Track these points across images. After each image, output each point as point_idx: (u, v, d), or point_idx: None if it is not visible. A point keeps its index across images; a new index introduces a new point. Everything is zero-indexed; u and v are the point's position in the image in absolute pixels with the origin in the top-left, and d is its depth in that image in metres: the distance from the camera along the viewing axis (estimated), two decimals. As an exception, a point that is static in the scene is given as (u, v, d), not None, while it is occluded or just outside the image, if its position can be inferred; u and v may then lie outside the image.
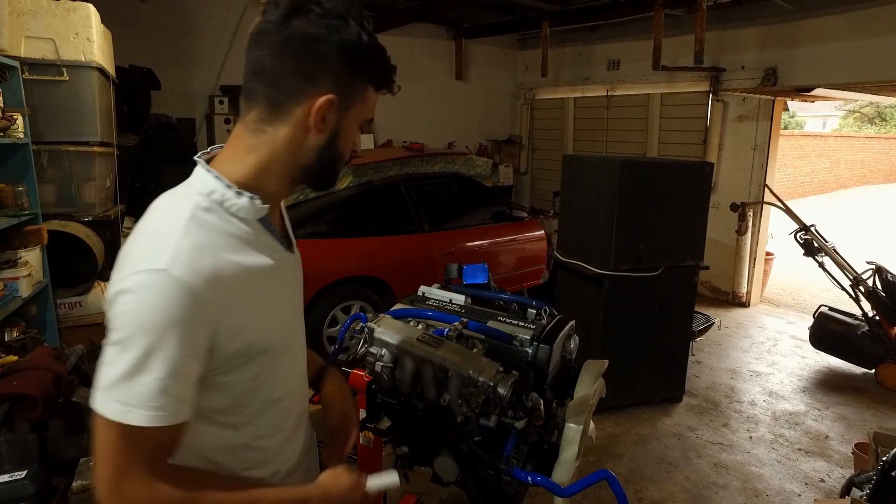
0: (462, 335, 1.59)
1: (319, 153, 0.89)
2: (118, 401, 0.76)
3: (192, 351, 0.79)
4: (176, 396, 0.78)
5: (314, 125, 0.85)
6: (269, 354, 0.92)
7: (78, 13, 2.95)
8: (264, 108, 0.85)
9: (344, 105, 0.87)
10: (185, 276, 0.76)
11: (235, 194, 0.85)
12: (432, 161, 5.07)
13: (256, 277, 0.87)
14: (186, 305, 0.76)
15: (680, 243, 3.52)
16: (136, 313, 0.76)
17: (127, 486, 0.77)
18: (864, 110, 25.02)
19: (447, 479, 1.46)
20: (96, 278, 3.15)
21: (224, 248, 0.83)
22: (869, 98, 7.53)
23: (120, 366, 0.76)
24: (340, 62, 0.84)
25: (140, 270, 0.77)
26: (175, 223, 0.81)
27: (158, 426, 0.77)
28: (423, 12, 6.11)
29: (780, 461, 3.16)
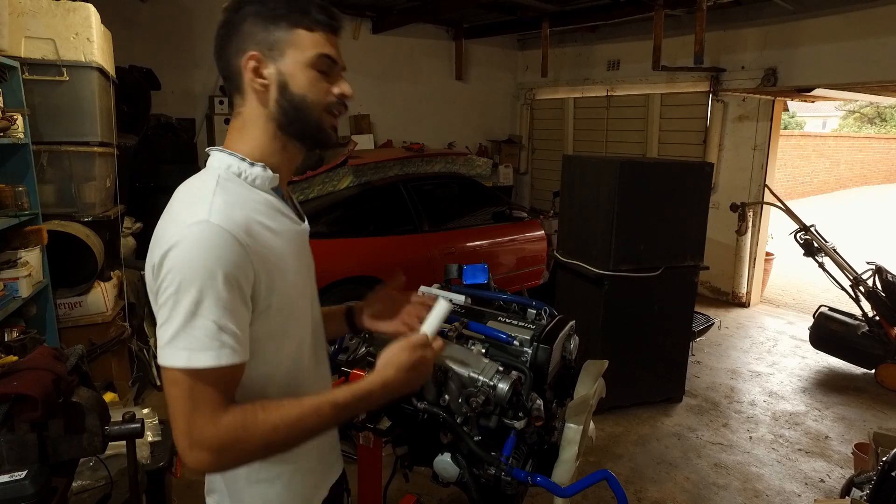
0: (462, 335, 1.59)
1: (278, 105, 0.95)
2: (183, 348, 0.82)
3: (238, 294, 0.85)
4: (233, 335, 0.84)
5: (253, 84, 0.94)
6: (292, 314, 0.99)
7: (78, 13, 2.95)
8: (235, 97, 0.98)
9: (273, 55, 0.94)
10: (224, 224, 0.85)
11: (249, 165, 0.95)
12: (432, 161, 5.07)
13: (278, 238, 0.94)
14: (229, 248, 0.84)
15: (680, 244, 3.52)
16: (184, 263, 0.82)
17: (197, 430, 0.83)
18: (863, 111, 25.03)
19: (447, 479, 1.46)
20: (96, 278, 3.15)
21: (249, 209, 0.91)
22: (869, 98, 7.53)
23: (178, 317, 0.82)
24: (252, 25, 0.93)
25: (182, 227, 0.84)
26: (205, 190, 0.90)
27: (222, 365, 0.83)
28: (422, 13, 6.11)
29: (780, 461, 3.16)
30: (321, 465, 1.13)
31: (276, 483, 1.02)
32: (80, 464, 1.62)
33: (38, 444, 1.22)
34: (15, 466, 1.18)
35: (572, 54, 7.26)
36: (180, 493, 2.56)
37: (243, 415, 0.85)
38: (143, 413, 2.02)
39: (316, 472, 1.11)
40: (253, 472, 1.00)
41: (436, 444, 1.47)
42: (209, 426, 0.83)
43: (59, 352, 1.40)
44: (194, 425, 0.83)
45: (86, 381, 1.41)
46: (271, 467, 1.01)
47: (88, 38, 2.98)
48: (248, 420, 0.85)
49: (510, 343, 1.54)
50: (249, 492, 1.01)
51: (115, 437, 1.36)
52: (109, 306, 3.19)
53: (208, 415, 0.83)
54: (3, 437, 1.19)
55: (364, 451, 1.85)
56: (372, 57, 6.49)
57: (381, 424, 1.64)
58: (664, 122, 6.44)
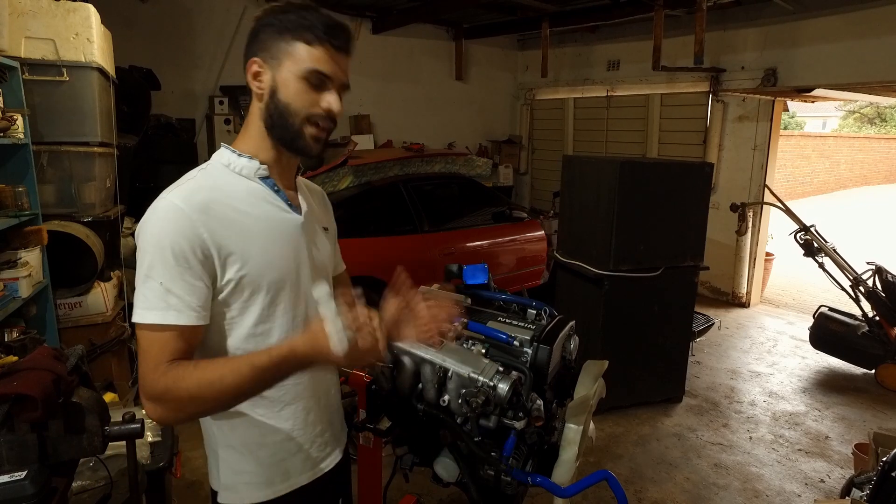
0: (462, 335, 1.59)
1: (267, 108, 1.05)
2: (139, 307, 0.95)
3: (185, 264, 0.95)
4: (180, 299, 0.94)
5: (252, 86, 1.05)
6: (274, 296, 1.05)
7: (78, 14, 2.95)
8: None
9: (272, 64, 1.03)
10: (179, 202, 0.96)
11: (237, 157, 1.07)
12: (432, 161, 5.07)
13: (256, 221, 1.04)
14: (177, 221, 0.95)
15: (680, 244, 3.52)
16: (144, 233, 0.96)
17: (147, 379, 0.94)
18: (863, 111, 25.03)
19: (447, 479, 1.46)
20: (96, 279, 3.15)
21: (223, 192, 1.02)
22: (869, 98, 7.54)
23: (139, 280, 0.96)
24: (262, 33, 1.03)
25: (152, 206, 0.98)
26: (186, 177, 1.04)
27: (167, 323, 0.94)
28: (423, 13, 6.11)
29: (780, 461, 3.16)
30: (294, 453, 1.14)
31: (242, 451, 1.10)
32: (80, 464, 1.62)
33: (37, 444, 1.22)
34: (15, 467, 1.18)
35: (572, 54, 7.26)
36: (180, 493, 2.56)
37: (177, 370, 0.94)
38: (143, 413, 2.02)
39: (287, 455, 1.13)
40: (223, 437, 1.11)
41: (436, 445, 1.47)
42: (150, 377, 0.94)
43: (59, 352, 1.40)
44: (143, 376, 0.94)
45: (86, 381, 1.41)
46: (235, 435, 1.10)
47: (88, 38, 2.98)
48: (178, 374, 0.93)
49: (510, 343, 1.54)
50: (223, 455, 1.12)
51: (115, 437, 1.35)
52: (109, 306, 3.19)
53: (151, 367, 0.94)
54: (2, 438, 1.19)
55: (364, 451, 1.85)
56: (372, 57, 6.49)
57: (381, 424, 1.64)
58: (664, 123, 6.44)
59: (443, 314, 1.11)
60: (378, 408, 1.60)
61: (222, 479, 1.12)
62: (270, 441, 1.11)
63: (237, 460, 1.10)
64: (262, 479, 1.11)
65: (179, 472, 2.10)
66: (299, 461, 1.15)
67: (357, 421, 1.68)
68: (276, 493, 1.13)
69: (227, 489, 1.12)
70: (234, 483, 1.11)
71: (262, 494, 1.12)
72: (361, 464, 1.89)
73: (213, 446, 1.13)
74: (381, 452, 1.89)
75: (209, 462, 1.17)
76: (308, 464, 1.17)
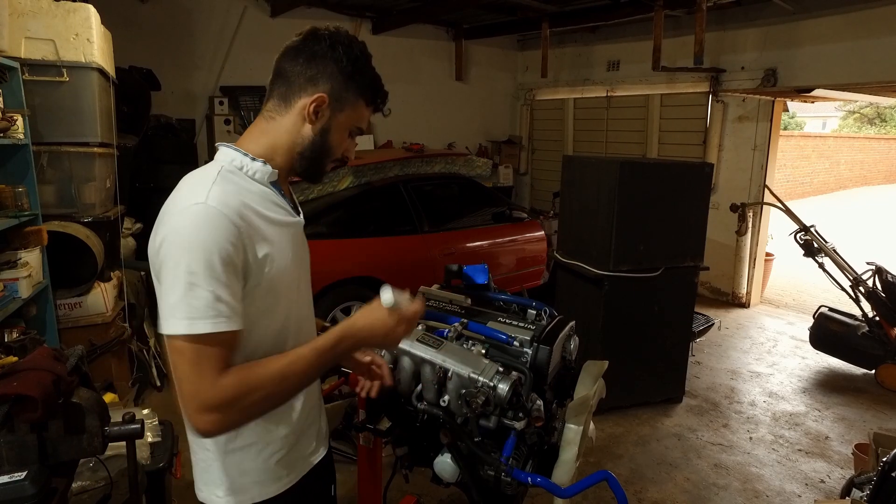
0: (462, 336, 1.59)
1: (312, 142, 1.09)
2: (184, 317, 0.91)
3: (231, 269, 0.95)
4: (228, 305, 0.94)
5: (308, 116, 1.07)
6: (282, 298, 1.08)
7: (78, 14, 2.95)
8: (277, 100, 1.09)
9: (336, 107, 1.08)
10: (219, 206, 0.95)
11: (251, 160, 1.06)
12: (432, 162, 5.07)
13: (270, 225, 1.05)
14: (223, 227, 0.94)
15: (680, 244, 3.52)
16: (184, 240, 0.92)
17: (202, 392, 0.92)
18: (863, 111, 25.04)
19: (447, 479, 1.46)
20: (96, 279, 3.15)
21: (245, 198, 1.01)
22: (868, 99, 7.54)
23: (178, 289, 0.91)
24: (336, 72, 1.07)
25: (182, 209, 0.95)
26: (206, 179, 1.00)
27: (219, 331, 0.92)
28: (423, 13, 6.11)
29: (780, 462, 3.16)
30: (296, 442, 1.18)
31: (247, 451, 1.10)
32: (80, 464, 1.62)
33: (37, 444, 1.22)
34: (15, 467, 1.18)
35: (572, 55, 7.26)
36: (180, 493, 2.56)
37: (240, 373, 0.95)
38: (143, 414, 2.02)
39: (290, 446, 1.16)
40: (228, 442, 1.09)
41: (436, 445, 1.47)
42: (212, 388, 0.92)
43: (58, 352, 1.40)
44: (203, 388, 0.91)
45: (86, 381, 1.41)
46: (240, 438, 1.09)
47: (88, 38, 2.98)
48: (245, 376, 0.95)
49: (510, 344, 1.54)
50: (228, 460, 1.10)
51: (115, 437, 1.35)
52: (109, 307, 3.19)
53: (211, 378, 0.92)
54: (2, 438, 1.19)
55: (364, 451, 1.85)
56: (372, 58, 6.48)
57: (381, 425, 1.64)
58: (664, 123, 6.44)
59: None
60: (378, 408, 1.61)
61: (228, 483, 1.10)
62: (274, 437, 1.12)
63: (243, 461, 1.10)
64: (269, 476, 1.13)
65: (179, 473, 2.10)
66: (298, 453, 1.18)
67: (357, 421, 1.68)
68: (283, 486, 1.15)
69: (235, 492, 1.11)
70: (243, 484, 1.11)
71: (271, 490, 1.13)
72: (361, 464, 1.89)
73: (213, 454, 1.10)
74: (381, 453, 1.89)
75: (203, 474, 1.14)
76: (306, 454, 1.21)
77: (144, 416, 2.00)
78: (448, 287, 1.99)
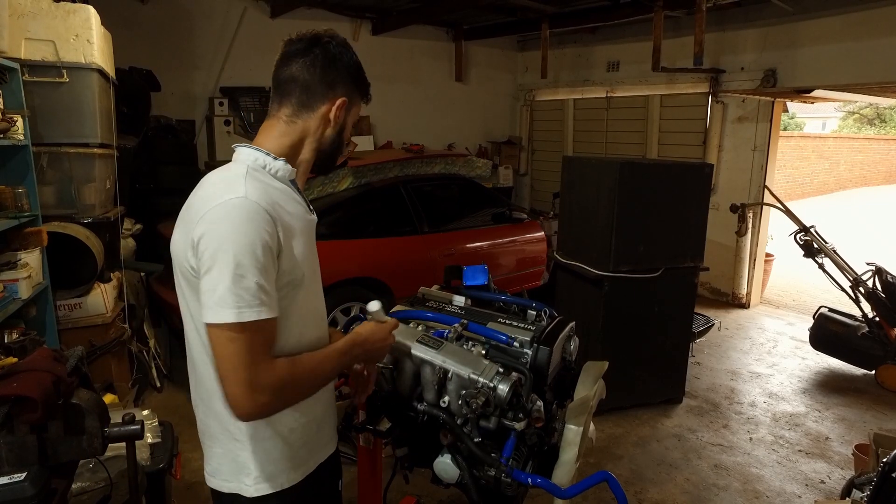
0: (462, 337, 1.59)
1: (332, 141, 1.21)
2: (232, 306, 0.96)
3: (271, 260, 1.01)
4: (269, 294, 1.00)
5: (333, 119, 1.18)
6: (302, 291, 1.13)
7: (78, 15, 2.95)
8: (296, 106, 1.16)
9: (349, 107, 1.20)
10: (259, 200, 1.01)
11: (273, 159, 1.12)
12: (432, 162, 5.07)
13: (296, 221, 1.11)
14: (264, 219, 1.00)
15: (680, 245, 3.52)
16: (227, 233, 0.97)
17: (259, 377, 0.98)
18: (863, 112, 25.04)
19: (447, 480, 1.46)
20: (96, 280, 3.15)
21: (272, 194, 1.07)
22: (868, 99, 7.55)
23: (224, 280, 0.96)
24: (349, 76, 1.19)
25: (221, 202, 0.99)
26: (238, 175, 1.05)
27: (265, 318, 0.99)
28: (422, 14, 6.11)
29: (780, 462, 3.16)
30: (317, 431, 1.24)
31: (276, 440, 1.15)
32: (80, 465, 1.62)
33: (37, 445, 1.22)
34: (14, 468, 1.18)
35: (572, 55, 7.27)
36: (180, 494, 2.56)
37: (289, 361, 1.04)
38: (143, 415, 2.02)
39: (312, 434, 1.23)
40: (258, 431, 1.13)
41: (436, 446, 1.47)
42: (269, 371, 0.99)
43: (58, 353, 1.40)
44: (258, 372, 0.98)
45: (85, 382, 1.41)
46: (270, 427, 1.14)
47: (88, 39, 2.98)
48: (293, 364, 1.04)
49: (510, 344, 1.54)
50: (257, 448, 1.14)
51: (115, 438, 1.35)
52: (109, 308, 3.19)
53: (266, 361, 1.00)
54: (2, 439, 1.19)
55: (364, 452, 1.85)
56: (372, 58, 6.48)
57: (381, 426, 1.64)
58: (664, 124, 6.44)
59: None
60: (378, 409, 1.60)
61: (256, 471, 1.13)
62: (299, 424, 1.18)
63: (273, 449, 1.14)
64: (296, 462, 1.18)
65: (179, 474, 2.10)
66: (319, 439, 1.25)
67: (357, 422, 1.68)
68: (307, 470, 1.21)
69: (264, 480, 1.14)
70: (272, 472, 1.15)
71: (297, 475, 1.18)
72: (361, 465, 1.89)
73: (242, 444, 1.12)
74: (381, 453, 1.88)
75: (230, 464, 1.15)
76: (324, 440, 1.27)
77: (144, 416, 2.00)
78: (448, 288, 1.99)
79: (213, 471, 1.18)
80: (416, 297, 1.90)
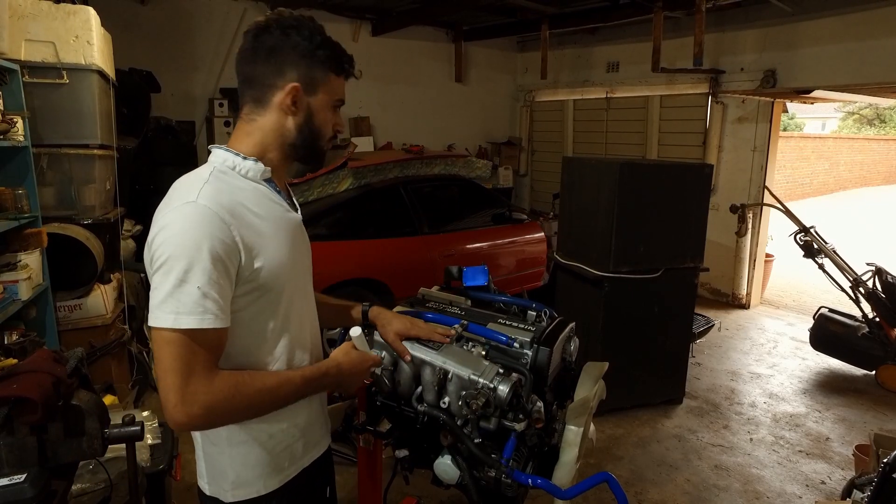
0: (462, 337, 1.58)
1: (300, 130, 1.11)
2: (170, 311, 0.93)
3: (221, 267, 0.96)
4: (216, 302, 0.95)
5: (287, 108, 1.09)
6: (282, 294, 1.10)
7: (78, 16, 2.96)
8: (252, 103, 1.11)
9: (310, 90, 1.10)
10: (209, 204, 0.97)
11: (243, 159, 1.09)
12: (432, 163, 5.07)
13: (267, 222, 1.07)
14: (214, 224, 0.96)
15: (680, 245, 3.52)
16: (175, 237, 0.95)
17: (192, 387, 0.94)
18: (863, 112, 25.05)
19: (447, 481, 1.46)
20: (96, 281, 3.15)
21: (237, 196, 1.04)
22: (868, 100, 7.55)
23: (167, 284, 0.94)
24: (298, 57, 1.07)
25: (174, 207, 0.98)
26: (198, 180, 1.03)
27: (205, 328, 0.95)
28: (422, 15, 6.12)
29: (780, 463, 3.16)
30: (299, 437, 1.21)
31: (252, 445, 1.12)
32: (80, 466, 1.62)
33: (37, 446, 1.22)
34: (14, 469, 1.18)
35: (572, 56, 7.27)
36: (180, 495, 2.56)
37: (233, 378, 0.98)
38: (143, 416, 2.02)
39: (293, 440, 1.19)
40: (233, 435, 1.11)
41: (436, 447, 1.46)
42: (205, 383, 0.95)
43: (58, 354, 1.40)
44: (192, 382, 0.93)
45: (85, 383, 1.41)
46: (244, 431, 1.12)
47: (88, 40, 2.98)
48: (239, 383, 0.98)
49: (510, 345, 1.54)
50: (233, 453, 1.12)
51: (115, 439, 1.35)
52: (109, 309, 3.19)
53: (203, 373, 0.95)
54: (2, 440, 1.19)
55: (364, 453, 1.85)
56: (372, 59, 6.49)
57: (381, 427, 1.64)
58: (664, 124, 6.45)
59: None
60: (378, 410, 1.60)
61: (232, 476, 1.13)
62: (277, 430, 1.15)
63: (249, 454, 1.12)
64: (273, 468, 1.15)
65: (179, 475, 2.10)
66: (301, 445, 1.21)
67: (357, 423, 1.68)
68: (286, 477, 1.18)
69: (241, 485, 1.13)
70: (248, 477, 1.13)
71: (275, 482, 1.15)
72: (361, 466, 1.89)
73: (220, 448, 1.13)
74: (381, 454, 1.88)
75: (206, 468, 1.16)
76: (308, 446, 1.23)
77: (144, 418, 2.00)
78: (448, 288, 1.99)
79: (199, 473, 1.19)
80: (416, 298, 1.90)
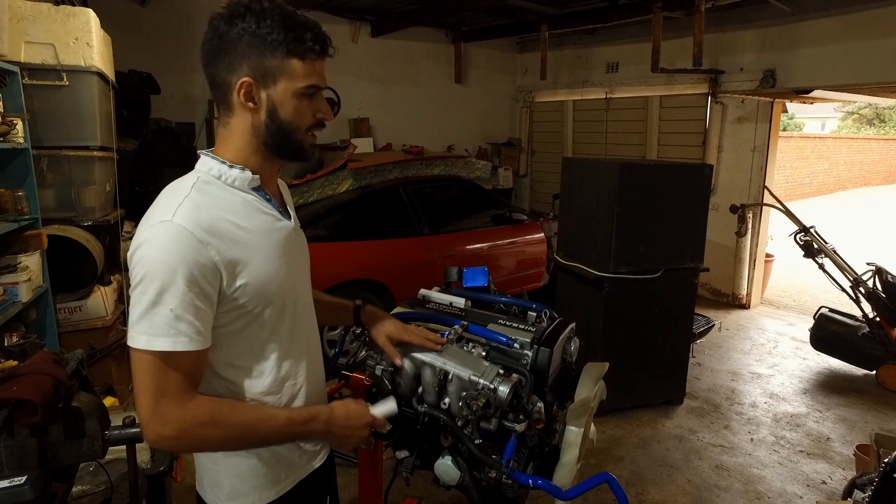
0: (462, 338, 1.58)
1: (267, 128, 1.02)
2: (144, 332, 0.91)
3: (196, 288, 0.93)
4: (191, 325, 0.93)
5: (244, 106, 1.01)
6: (271, 307, 1.05)
7: (78, 18, 2.96)
8: (221, 107, 1.05)
9: (266, 82, 1.00)
10: (186, 224, 0.93)
11: (228, 168, 1.03)
12: (432, 164, 5.07)
13: (254, 235, 1.02)
14: (189, 245, 0.92)
15: (680, 245, 3.52)
16: (149, 257, 0.92)
17: (163, 408, 0.92)
18: (862, 112, 25.07)
19: (448, 482, 1.46)
20: (96, 283, 3.15)
21: (221, 209, 0.99)
22: (867, 99, 7.56)
23: (141, 304, 0.91)
24: (245, 48, 0.98)
25: (151, 225, 0.94)
26: (179, 193, 0.98)
27: (179, 351, 0.92)
28: (422, 16, 6.12)
29: (781, 463, 3.16)
30: (297, 448, 1.18)
31: (246, 456, 1.10)
32: (80, 468, 1.62)
33: (37, 449, 1.22)
34: (15, 472, 1.18)
35: (571, 57, 7.27)
36: (180, 497, 2.55)
37: (211, 405, 0.96)
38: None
39: (290, 452, 1.16)
40: None
41: (437, 448, 1.46)
42: (179, 407, 0.93)
43: (58, 356, 1.40)
44: (160, 404, 0.92)
45: (86, 385, 1.41)
46: None
47: (88, 42, 2.98)
48: (214, 411, 0.96)
49: (510, 346, 1.54)
50: (227, 463, 1.10)
51: (115, 441, 1.35)
52: (109, 310, 3.19)
53: (176, 397, 0.93)
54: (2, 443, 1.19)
55: (365, 454, 1.85)
56: (371, 60, 6.50)
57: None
58: (663, 125, 6.45)
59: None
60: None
61: (227, 487, 1.11)
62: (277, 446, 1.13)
63: (242, 465, 1.10)
64: (269, 480, 1.13)
65: (179, 477, 2.09)
66: (297, 456, 1.18)
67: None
68: (283, 489, 1.15)
69: (235, 497, 1.11)
70: (243, 489, 1.11)
71: (271, 494, 1.13)
72: (362, 467, 1.88)
73: (212, 458, 1.11)
74: (382, 456, 1.88)
75: (203, 475, 1.15)
76: (305, 458, 1.20)
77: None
78: (448, 289, 1.99)
79: (198, 479, 1.18)
80: (416, 299, 1.90)
